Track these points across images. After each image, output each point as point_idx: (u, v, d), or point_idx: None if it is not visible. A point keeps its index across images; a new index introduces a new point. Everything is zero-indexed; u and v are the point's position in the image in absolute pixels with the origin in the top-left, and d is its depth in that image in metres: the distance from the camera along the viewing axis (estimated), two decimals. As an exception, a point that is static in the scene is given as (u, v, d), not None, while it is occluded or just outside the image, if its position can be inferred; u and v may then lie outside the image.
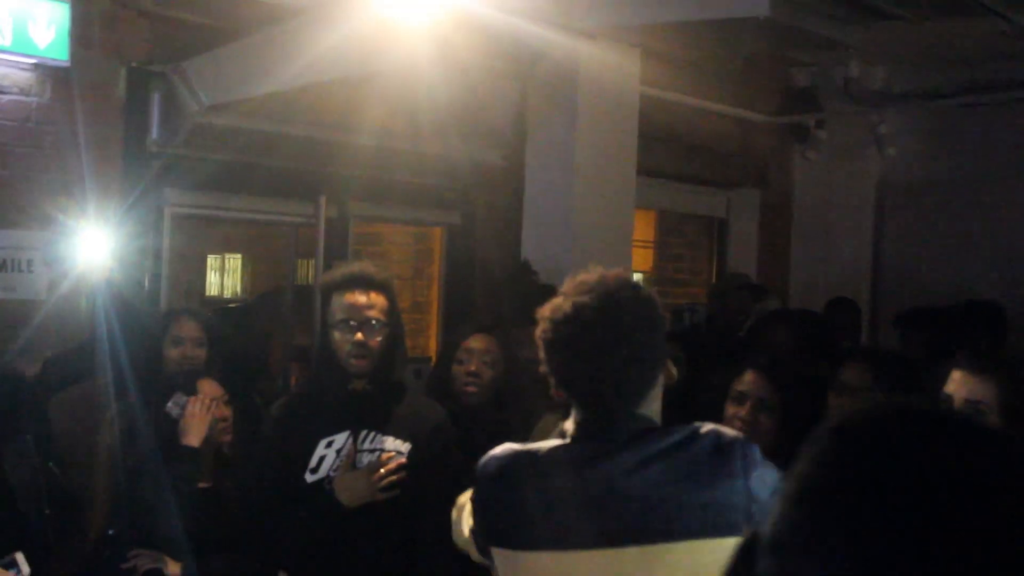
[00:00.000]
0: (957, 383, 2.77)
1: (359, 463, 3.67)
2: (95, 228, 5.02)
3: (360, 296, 3.73)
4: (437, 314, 7.11)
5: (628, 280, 2.52)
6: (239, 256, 11.35)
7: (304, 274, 7.38)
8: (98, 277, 4.93)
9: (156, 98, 5.30)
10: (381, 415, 3.76)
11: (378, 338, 3.73)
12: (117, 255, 5.06)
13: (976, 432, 1.05)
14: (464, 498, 2.71)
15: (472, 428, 4.16)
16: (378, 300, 3.75)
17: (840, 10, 6.24)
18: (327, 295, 3.81)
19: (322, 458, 3.68)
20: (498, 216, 6.91)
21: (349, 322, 3.71)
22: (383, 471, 3.60)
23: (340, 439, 3.70)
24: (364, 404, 3.75)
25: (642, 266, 9.35)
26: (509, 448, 2.57)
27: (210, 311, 6.37)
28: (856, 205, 9.19)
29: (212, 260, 11.18)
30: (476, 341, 4.51)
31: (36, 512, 4.03)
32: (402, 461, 3.66)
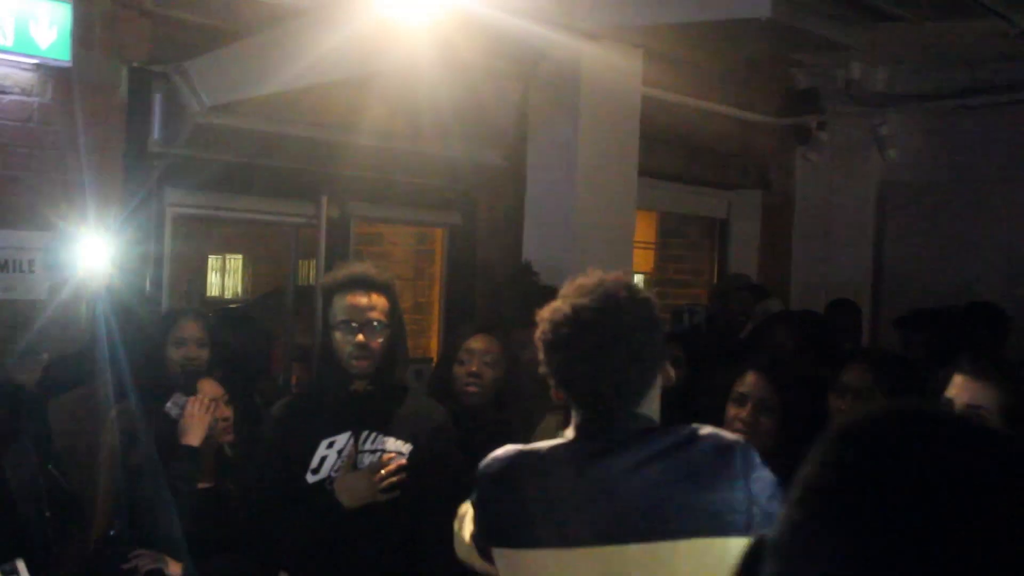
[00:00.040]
0: (958, 388, 2.78)
1: (360, 464, 3.67)
2: (96, 229, 5.02)
3: (361, 297, 3.74)
4: (438, 315, 7.10)
5: (626, 282, 2.54)
6: (240, 256, 11.35)
7: (305, 275, 7.38)
8: (99, 279, 4.93)
9: (158, 98, 5.29)
10: (382, 416, 3.76)
11: (379, 339, 3.74)
12: (118, 256, 5.05)
13: (976, 433, 1.06)
14: (465, 508, 2.72)
15: (473, 429, 4.17)
16: (379, 301, 3.76)
17: (841, 11, 6.24)
18: (328, 296, 3.82)
19: (323, 459, 3.68)
20: (499, 217, 6.91)
21: (350, 323, 3.72)
22: (384, 472, 3.61)
23: (341, 440, 3.70)
24: (365, 405, 3.75)
25: (643, 267, 9.35)
26: (510, 449, 2.59)
27: (211, 312, 6.38)
28: (857, 206, 9.18)
29: (213, 261, 11.18)
30: (477, 342, 4.51)
31: (36, 514, 4.03)
32: (402, 462, 3.66)
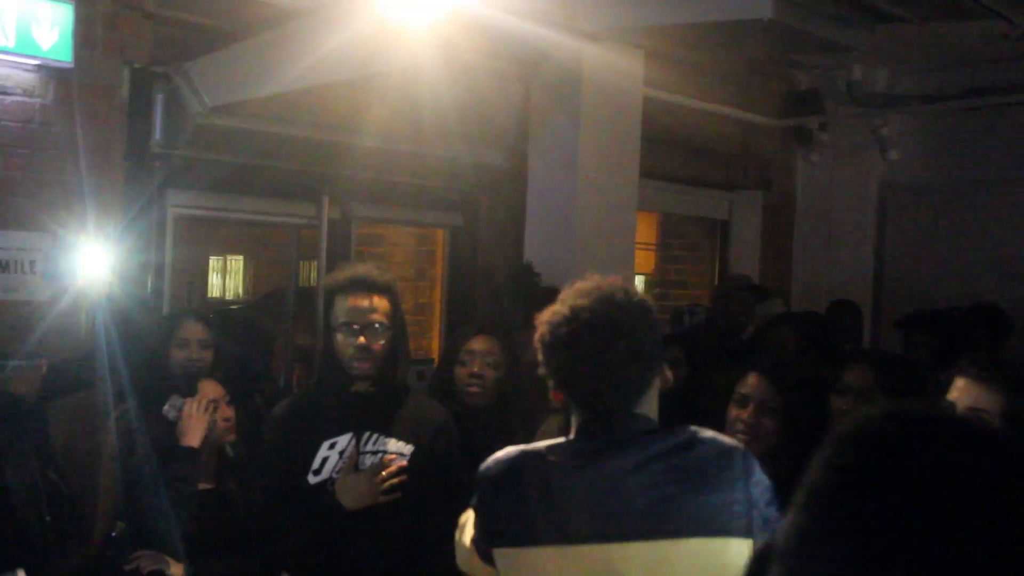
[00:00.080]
0: (960, 390, 2.77)
1: (361, 465, 3.67)
2: (97, 231, 5.02)
3: (363, 299, 3.73)
4: (440, 316, 7.11)
5: (624, 285, 2.57)
6: (241, 257, 11.36)
7: (306, 276, 7.38)
8: (100, 281, 4.93)
9: (159, 99, 5.29)
10: (384, 417, 3.76)
11: (381, 341, 3.73)
12: (119, 258, 5.05)
13: (977, 435, 1.06)
14: (465, 517, 2.73)
15: (475, 429, 4.16)
16: (381, 303, 3.75)
17: (843, 12, 6.24)
18: (330, 297, 3.81)
19: (325, 460, 3.68)
20: (501, 218, 6.91)
21: (352, 325, 3.71)
22: (385, 473, 3.61)
23: (343, 441, 3.70)
24: (367, 406, 3.75)
25: (644, 268, 9.35)
26: (511, 450, 2.60)
27: (212, 313, 6.38)
28: (858, 207, 9.19)
29: (214, 261, 11.20)
30: (479, 342, 4.50)
31: (36, 520, 4.03)
32: (403, 463, 3.66)
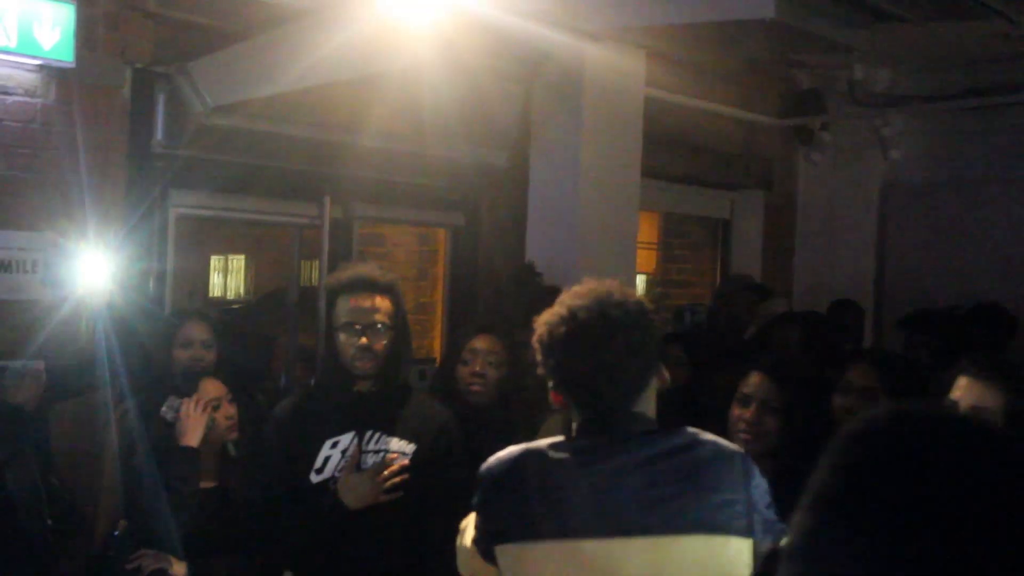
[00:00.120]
0: (963, 389, 2.77)
1: (364, 464, 3.67)
2: (99, 231, 5.02)
3: (365, 300, 3.73)
4: (441, 315, 7.11)
5: (621, 287, 2.61)
6: (242, 257, 11.37)
7: (308, 275, 7.38)
8: (102, 282, 4.93)
9: (161, 99, 5.30)
10: (386, 416, 3.76)
11: (383, 341, 3.73)
12: (121, 258, 5.06)
13: (980, 434, 1.06)
14: (466, 522, 2.73)
15: (477, 428, 4.17)
16: (383, 304, 3.75)
17: (844, 12, 6.24)
18: (332, 297, 3.81)
19: (327, 458, 3.68)
20: (502, 218, 6.91)
21: (354, 325, 3.71)
22: (387, 472, 3.61)
23: (345, 440, 3.70)
24: (369, 405, 3.75)
25: (646, 267, 9.34)
26: (512, 449, 2.61)
27: (214, 312, 6.38)
28: (860, 207, 9.19)
29: (215, 261, 11.20)
30: (481, 341, 4.51)
31: (38, 524, 4.03)
32: (405, 463, 3.66)
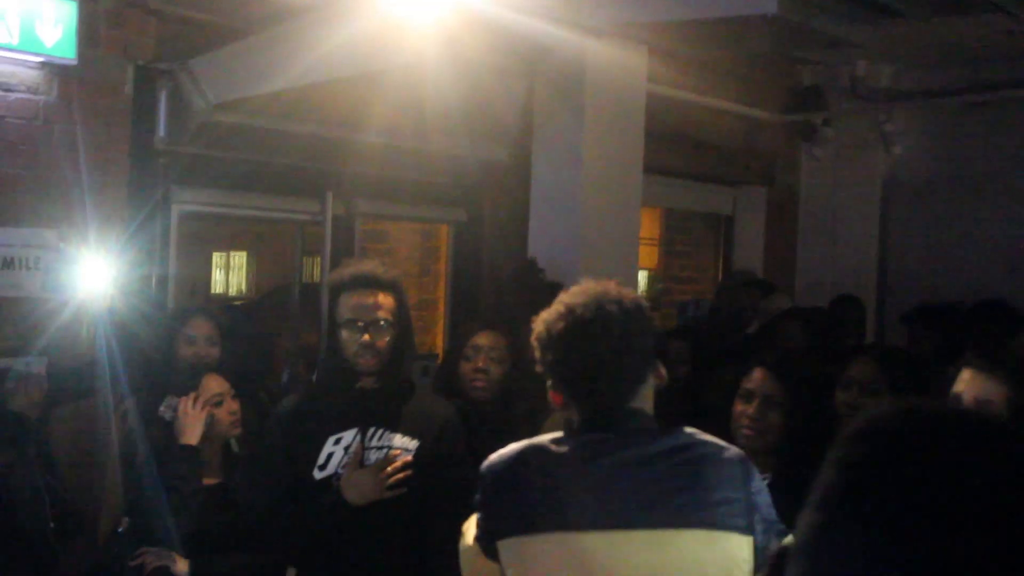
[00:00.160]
0: (966, 382, 2.76)
1: (367, 460, 3.66)
2: (101, 228, 5.02)
3: (368, 297, 3.73)
4: (444, 311, 7.11)
5: (618, 286, 2.65)
6: (243, 254, 11.37)
7: (310, 271, 7.38)
8: (104, 279, 4.93)
9: (163, 96, 5.30)
10: (389, 413, 3.75)
11: (385, 338, 3.73)
12: (124, 255, 5.06)
13: (985, 428, 1.06)
14: (467, 524, 2.74)
15: (480, 424, 4.17)
16: (386, 300, 3.75)
17: (847, 8, 6.23)
18: (335, 294, 3.81)
19: (330, 455, 3.68)
20: (505, 213, 6.91)
21: (356, 322, 3.71)
22: (390, 469, 3.60)
23: (348, 436, 3.70)
24: (372, 402, 3.75)
25: (648, 263, 9.34)
26: (512, 447, 2.64)
27: (216, 309, 6.38)
28: (862, 203, 9.18)
29: (217, 258, 11.21)
30: (483, 337, 4.51)
31: (40, 528, 4.04)
32: (408, 459, 3.66)
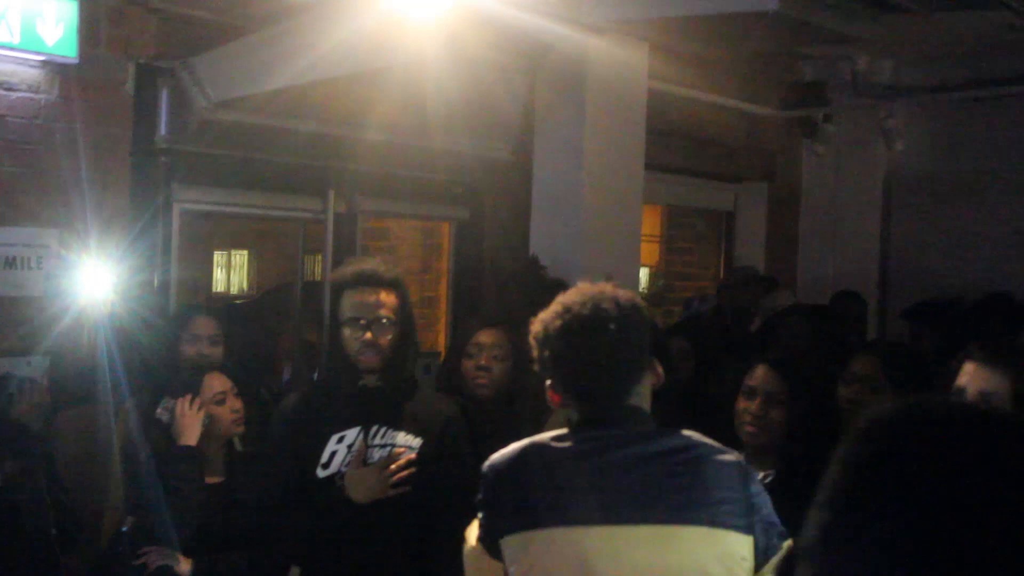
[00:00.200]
0: (969, 375, 2.74)
1: (370, 459, 3.67)
2: (102, 227, 5.02)
3: (370, 294, 3.74)
4: (446, 309, 7.11)
5: (614, 287, 2.70)
6: (245, 252, 11.36)
7: (312, 270, 7.38)
8: (105, 279, 4.93)
9: (164, 94, 5.30)
10: (392, 411, 3.76)
11: (388, 336, 3.73)
12: (125, 254, 5.06)
13: (990, 421, 1.06)
14: (471, 529, 2.75)
15: (483, 422, 4.17)
16: (388, 298, 3.75)
17: (848, 3, 6.22)
18: (337, 292, 3.81)
19: (333, 453, 3.68)
20: (506, 211, 6.91)
21: (359, 320, 3.72)
22: (393, 467, 3.60)
23: (351, 435, 3.70)
24: (375, 400, 3.75)
25: (649, 260, 9.34)
26: (513, 445, 2.66)
27: (219, 308, 6.38)
28: (864, 198, 9.18)
29: (218, 256, 11.20)
30: (486, 335, 4.50)
31: (43, 534, 4.04)
32: (412, 457, 3.66)
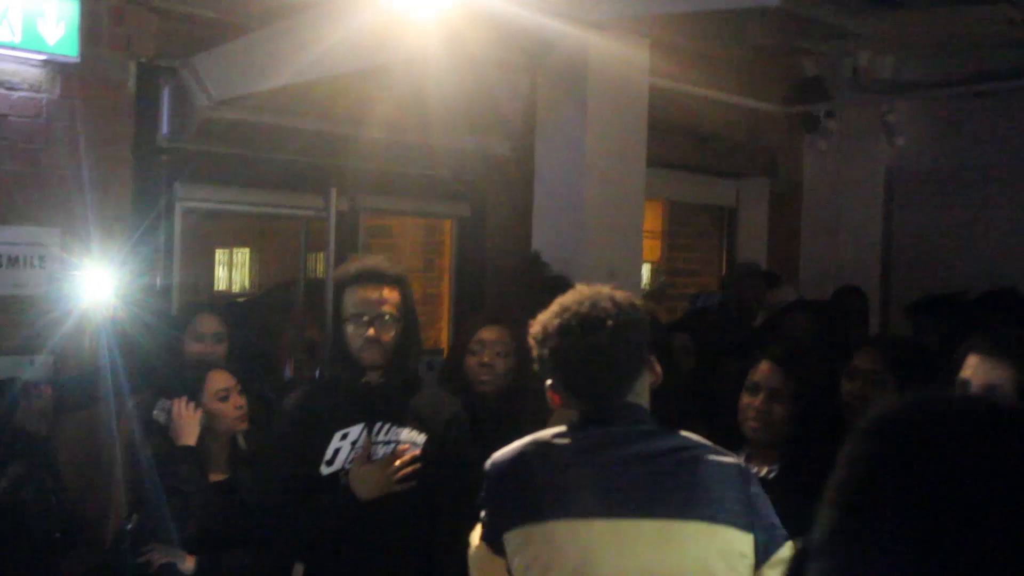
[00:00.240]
0: (973, 368, 2.73)
1: (374, 455, 3.67)
2: (105, 226, 5.02)
3: (373, 291, 3.74)
4: (448, 306, 7.11)
5: (611, 289, 2.72)
6: (247, 251, 11.36)
7: (314, 268, 7.38)
8: (108, 278, 4.93)
9: (166, 93, 5.30)
10: (396, 407, 3.76)
11: (391, 332, 3.74)
12: (128, 253, 5.06)
13: (996, 413, 1.06)
14: (475, 532, 2.76)
15: (486, 419, 4.17)
16: (391, 295, 3.76)
17: (849, -2, 6.23)
18: (340, 289, 3.82)
19: (337, 450, 3.69)
20: (508, 208, 6.91)
21: (362, 317, 3.72)
22: (398, 463, 3.61)
23: (355, 431, 3.70)
24: (378, 397, 3.75)
25: (651, 256, 9.34)
26: (515, 444, 2.67)
27: (222, 305, 6.37)
28: (866, 194, 9.17)
29: (220, 255, 11.19)
30: (488, 332, 4.51)
31: (47, 536, 4.04)
32: (416, 453, 3.66)
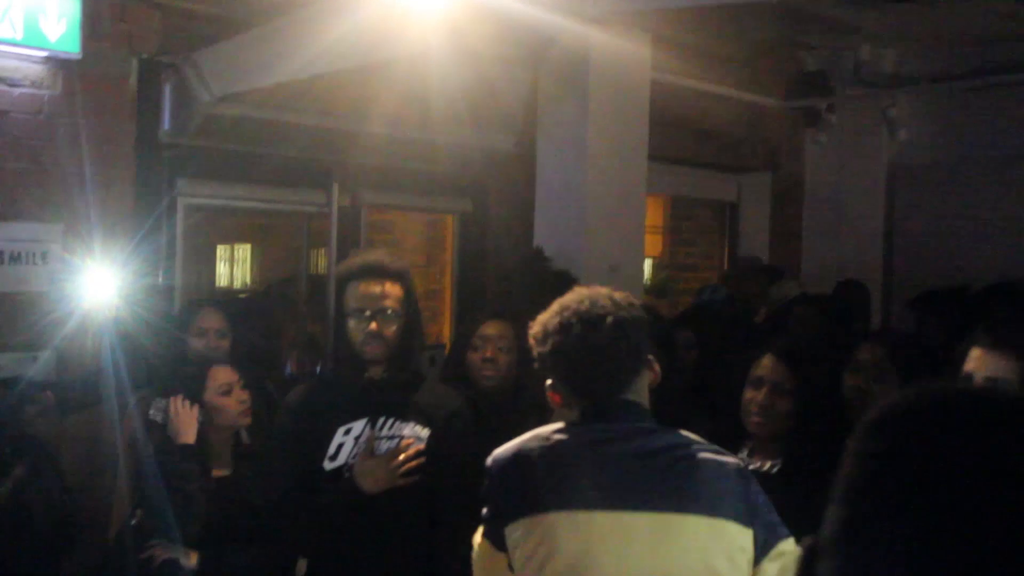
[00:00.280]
0: (976, 360, 2.73)
1: (378, 450, 3.67)
2: (107, 222, 5.03)
3: (375, 286, 3.74)
4: (450, 301, 7.12)
5: (610, 289, 2.74)
6: (248, 246, 11.36)
7: (316, 263, 7.39)
8: (110, 274, 4.94)
9: (167, 89, 5.30)
10: (398, 402, 3.76)
11: (393, 327, 3.74)
12: (130, 249, 5.07)
13: (1002, 405, 1.06)
14: (478, 533, 2.76)
15: (489, 414, 4.17)
16: (393, 290, 3.76)
17: (850, -7, 6.23)
18: (342, 284, 3.82)
19: (340, 445, 3.69)
20: (510, 203, 6.91)
21: (364, 311, 3.72)
22: (402, 457, 3.61)
23: (358, 426, 3.71)
24: (381, 391, 3.75)
25: (653, 251, 9.34)
26: (514, 440, 2.69)
27: (223, 301, 6.38)
28: (867, 188, 9.17)
29: (221, 250, 11.20)
30: (491, 327, 4.51)
31: (49, 537, 4.04)
32: (421, 447, 3.67)
